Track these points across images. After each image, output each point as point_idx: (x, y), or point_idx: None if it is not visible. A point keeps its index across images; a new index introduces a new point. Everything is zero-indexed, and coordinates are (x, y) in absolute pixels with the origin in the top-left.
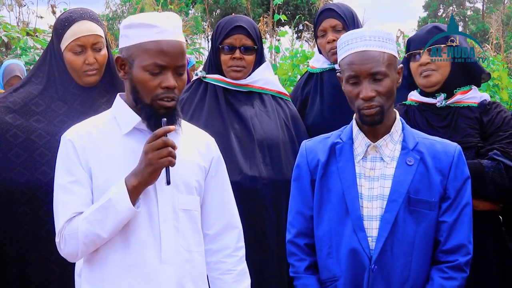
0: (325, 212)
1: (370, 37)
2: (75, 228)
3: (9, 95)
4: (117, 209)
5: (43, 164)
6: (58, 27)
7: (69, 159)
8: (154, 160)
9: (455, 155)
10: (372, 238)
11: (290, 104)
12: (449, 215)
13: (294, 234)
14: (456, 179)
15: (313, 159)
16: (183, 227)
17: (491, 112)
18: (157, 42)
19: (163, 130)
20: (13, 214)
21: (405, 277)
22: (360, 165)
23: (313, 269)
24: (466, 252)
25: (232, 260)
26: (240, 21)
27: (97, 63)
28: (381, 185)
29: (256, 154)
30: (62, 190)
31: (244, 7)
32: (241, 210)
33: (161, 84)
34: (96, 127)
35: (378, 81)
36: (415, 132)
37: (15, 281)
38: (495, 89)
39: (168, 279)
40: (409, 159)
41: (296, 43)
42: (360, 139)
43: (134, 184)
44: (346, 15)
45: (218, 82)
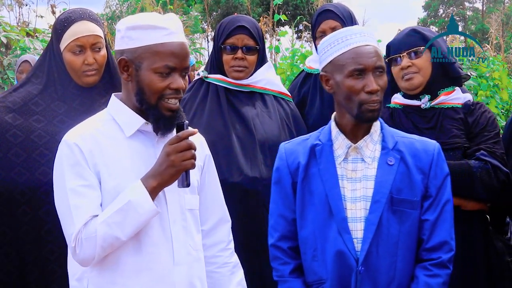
0: (308, 214)
1: (364, 33)
2: (92, 232)
3: (8, 95)
4: (138, 210)
5: (43, 164)
6: (58, 28)
7: (78, 164)
8: (177, 162)
9: (434, 153)
10: (357, 240)
11: (291, 105)
12: (431, 213)
13: (277, 238)
14: (437, 177)
15: (293, 161)
16: (190, 227)
17: (475, 113)
18: (168, 44)
19: (187, 132)
20: (13, 214)
21: (391, 277)
22: (342, 167)
23: (298, 272)
24: (449, 249)
25: (226, 254)
26: (242, 21)
27: (97, 64)
28: (364, 186)
29: (257, 155)
30: (74, 194)
31: (245, 6)
32: (242, 211)
33: (170, 86)
34: (98, 130)
35: (379, 76)
36: (394, 131)
37: (15, 281)
38: (495, 89)
39: (181, 279)
40: (389, 159)
41: (296, 43)
42: (340, 140)
43: (153, 185)
44: (344, 16)
45: (220, 82)
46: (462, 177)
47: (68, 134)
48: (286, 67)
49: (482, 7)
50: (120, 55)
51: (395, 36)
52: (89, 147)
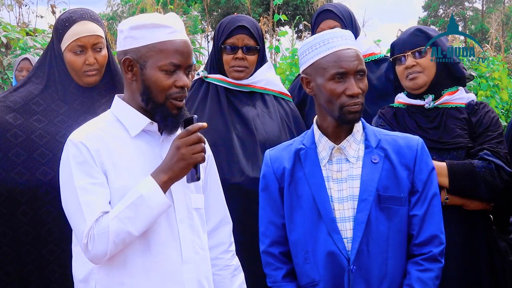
0: (296, 218)
1: (345, 37)
2: (105, 227)
3: (9, 95)
4: (150, 204)
5: (43, 164)
6: (59, 27)
7: (85, 162)
8: (187, 155)
9: (418, 148)
10: (347, 240)
11: (291, 105)
12: (419, 208)
13: (268, 244)
14: (422, 172)
15: (279, 167)
16: (196, 226)
17: (479, 113)
18: (172, 42)
19: (197, 126)
20: (13, 214)
21: (383, 275)
22: (327, 168)
23: (291, 276)
24: (439, 243)
25: (228, 256)
26: (242, 21)
27: (97, 64)
28: (350, 185)
29: (258, 155)
30: (83, 191)
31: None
32: (242, 212)
33: (175, 83)
34: (103, 130)
35: (360, 79)
36: (376, 129)
37: (14, 281)
38: (495, 89)
39: (190, 278)
40: (374, 157)
41: (296, 43)
42: (323, 142)
43: (164, 179)
44: (344, 16)
45: (220, 82)
46: (466, 176)
47: (74, 134)
48: (286, 67)
49: (482, 7)
50: (123, 56)
51: (399, 35)
52: (96, 147)
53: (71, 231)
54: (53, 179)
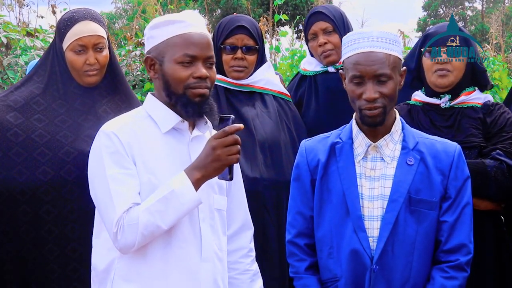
0: (325, 212)
1: (377, 38)
2: (135, 219)
3: (10, 94)
4: (181, 200)
5: (44, 163)
6: (61, 27)
7: (117, 152)
8: (223, 156)
9: (455, 155)
10: (373, 238)
11: (291, 105)
12: (450, 215)
13: (294, 234)
14: (457, 178)
15: (313, 159)
16: (217, 226)
17: (494, 113)
18: (185, 34)
19: (234, 127)
20: (13, 213)
21: (406, 277)
22: (361, 165)
23: (314, 269)
24: (467, 252)
25: (248, 261)
26: (242, 20)
27: (98, 64)
28: (382, 185)
29: (257, 155)
30: (114, 181)
31: (245, 7)
32: None
33: (193, 75)
34: (135, 124)
35: (382, 83)
36: (415, 131)
37: (15, 280)
38: (495, 89)
39: (207, 276)
40: (409, 159)
41: (296, 43)
42: (360, 139)
43: (197, 177)
44: (335, 16)
45: (220, 82)
46: (477, 176)
47: (106, 125)
48: (286, 67)
49: (482, 7)
50: (147, 56)
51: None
52: (127, 139)
53: (70, 231)
54: (53, 179)
